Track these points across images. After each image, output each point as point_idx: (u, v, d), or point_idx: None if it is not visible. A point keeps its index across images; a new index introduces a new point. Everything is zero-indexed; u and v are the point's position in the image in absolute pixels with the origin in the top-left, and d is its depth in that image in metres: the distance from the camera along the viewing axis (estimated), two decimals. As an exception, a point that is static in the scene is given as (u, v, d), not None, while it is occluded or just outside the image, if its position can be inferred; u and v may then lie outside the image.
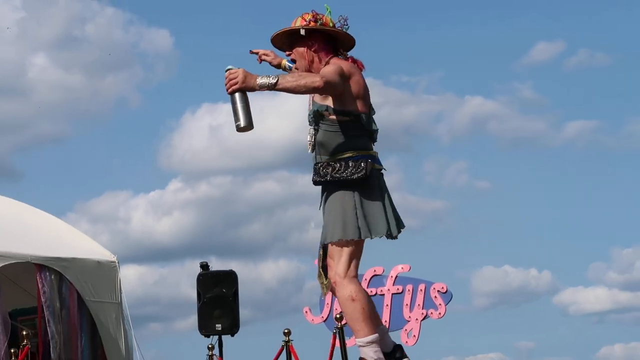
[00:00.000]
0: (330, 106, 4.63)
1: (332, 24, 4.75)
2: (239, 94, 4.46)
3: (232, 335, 9.88)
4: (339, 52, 4.78)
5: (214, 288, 9.83)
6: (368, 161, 4.61)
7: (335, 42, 4.77)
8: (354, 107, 4.64)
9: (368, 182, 4.61)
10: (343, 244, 4.61)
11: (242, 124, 4.47)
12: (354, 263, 4.64)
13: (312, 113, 4.70)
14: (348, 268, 4.62)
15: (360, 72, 4.72)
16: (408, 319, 10.54)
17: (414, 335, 10.48)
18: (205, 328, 9.81)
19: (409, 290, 10.63)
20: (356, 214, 4.59)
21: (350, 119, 4.63)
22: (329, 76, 4.47)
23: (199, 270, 9.96)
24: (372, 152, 4.70)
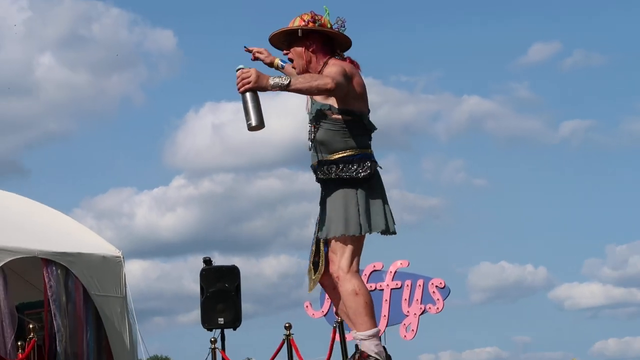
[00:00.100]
0: (333, 106, 4.68)
1: (330, 25, 4.78)
2: (250, 94, 4.46)
3: (235, 329, 9.95)
4: (336, 53, 4.81)
5: (217, 283, 9.89)
6: (373, 161, 4.69)
7: (332, 42, 4.80)
8: (357, 106, 4.70)
9: (370, 180, 4.68)
10: (346, 240, 4.66)
11: (253, 123, 4.48)
12: (356, 258, 4.70)
13: (314, 112, 4.73)
14: (351, 263, 4.68)
15: (359, 73, 4.77)
16: (407, 313, 10.61)
17: (413, 330, 10.55)
18: (208, 322, 9.90)
19: (407, 286, 10.68)
20: (358, 211, 4.64)
21: (352, 118, 4.69)
22: (337, 78, 4.50)
23: (202, 265, 10.05)
24: (370, 150, 4.76)
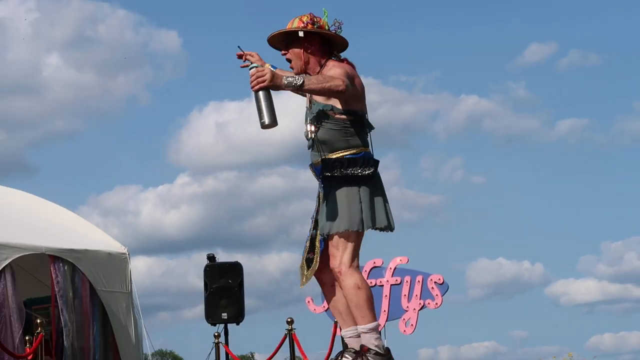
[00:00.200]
0: (335, 106, 4.78)
1: (327, 27, 4.87)
2: (263, 92, 4.51)
3: (238, 324, 10.14)
4: (333, 54, 4.91)
5: (220, 279, 10.07)
6: (376, 160, 4.81)
7: (330, 44, 4.90)
8: (358, 107, 4.83)
9: (372, 178, 4.80)
10: (349, 235, 4.74)
11: (266, 121, 4.53)
12: (357, 254, 4.81)
13: (316, 112, 4.82)
14: (353, 258, 4.76)
15: (357, 74, 4.89)
16: (406, 308, 10.71)
17: (412, 325, 10.65)
18: (212, 317, 10.09)
19: (407, 282, 10.77)
20: (361, 207, 4.73)
21: (354, 118, 4.80)
22: (346, 80, 4.62)
23: (205, 262, 10.23)
24: (369, 149, 4.87)
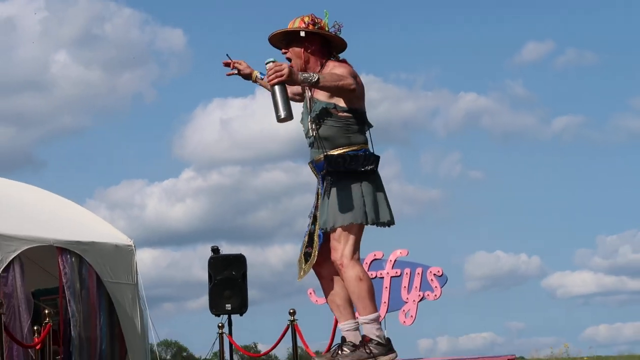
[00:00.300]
0: (337, 104, 4.89)
1: (327, 28, 4.98)
2: (279, 87, 4.58)
3: (241, 315, 10.27)
4: (332, 55, 5.02)
5: (224, 270, 10.19)
6: (377, 156, 4.92)
7: (329, 45, 5.01)
8: (360, 105, 4.95)
9: (374, 174, 4.92)
10: (352, 229, 4.81)
11: (282, 115, 4.61)
12: (359, 247, 4.91)
13: (319, 110, 4.92)
14: (355, 251, 4.83)
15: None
16: (406, 300, 10.81)
17: (412, 316, 10.76)
18: (216, 308, 10.19)
19: (406, 274, 10.86)
20: (363, 202, 4.82)
21: (356, 116, 4.92)
22: (355, 79, 4.79)
23: (210, 254, 10.32)
24: (368, 145, 4.99)
